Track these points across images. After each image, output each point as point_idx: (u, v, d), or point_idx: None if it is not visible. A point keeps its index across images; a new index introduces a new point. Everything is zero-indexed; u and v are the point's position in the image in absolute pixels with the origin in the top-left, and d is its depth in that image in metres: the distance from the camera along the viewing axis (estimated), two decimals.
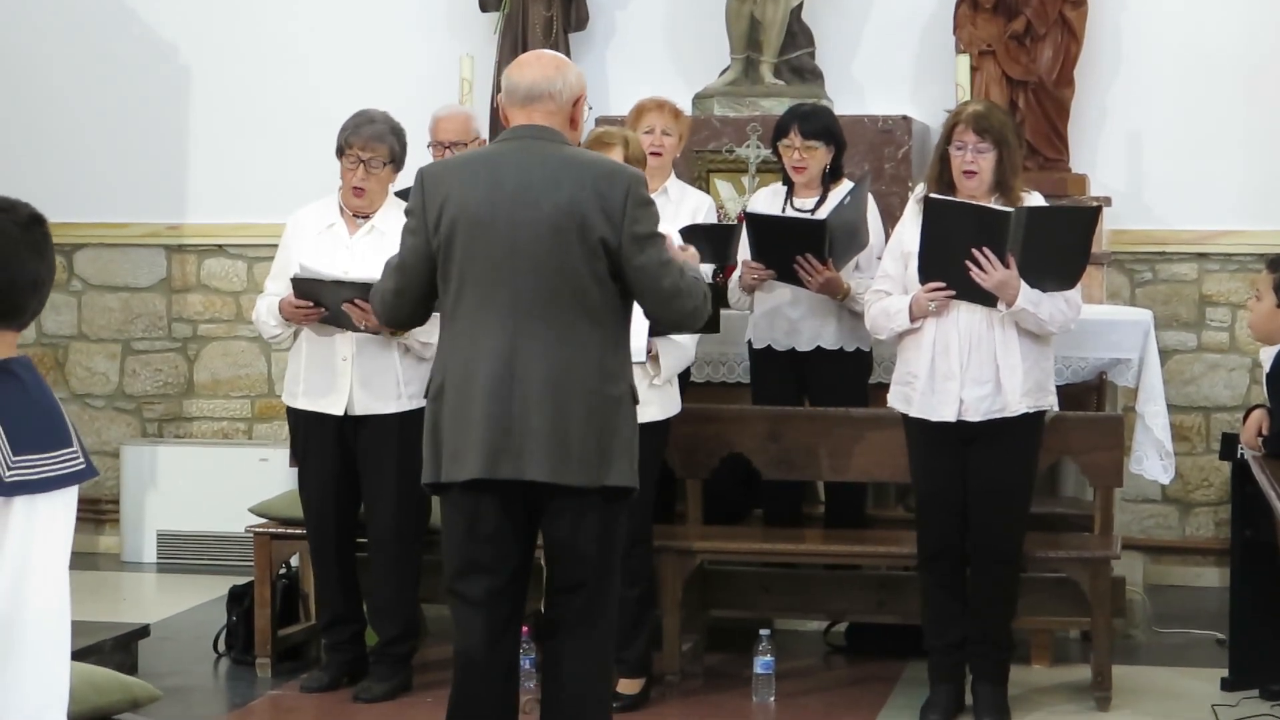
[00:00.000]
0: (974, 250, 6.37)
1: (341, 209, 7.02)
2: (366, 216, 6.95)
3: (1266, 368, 6.42)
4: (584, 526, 5.08)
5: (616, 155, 6.40)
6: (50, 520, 3.39)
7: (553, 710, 5.17)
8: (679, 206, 7.39)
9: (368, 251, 6.78)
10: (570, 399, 5.00)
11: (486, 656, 5.14)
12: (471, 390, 5.02)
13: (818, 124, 7.33)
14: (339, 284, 6.71)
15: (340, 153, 6.97)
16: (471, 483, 5.04)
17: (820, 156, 7.30)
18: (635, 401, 5.18)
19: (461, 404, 5.04)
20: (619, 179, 5.06)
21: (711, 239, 7.24)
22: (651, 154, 7.21)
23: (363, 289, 6.55)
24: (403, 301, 5.24)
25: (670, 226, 6.82)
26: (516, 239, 4.99)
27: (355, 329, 6.77)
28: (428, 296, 5.20)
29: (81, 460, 3.43)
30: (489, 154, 5.22)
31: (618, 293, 5.08)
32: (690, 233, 6.94)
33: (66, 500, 3.43)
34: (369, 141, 6.91)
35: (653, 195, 7.04)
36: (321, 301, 6.78)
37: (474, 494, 5.07)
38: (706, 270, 7.12)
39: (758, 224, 7.25)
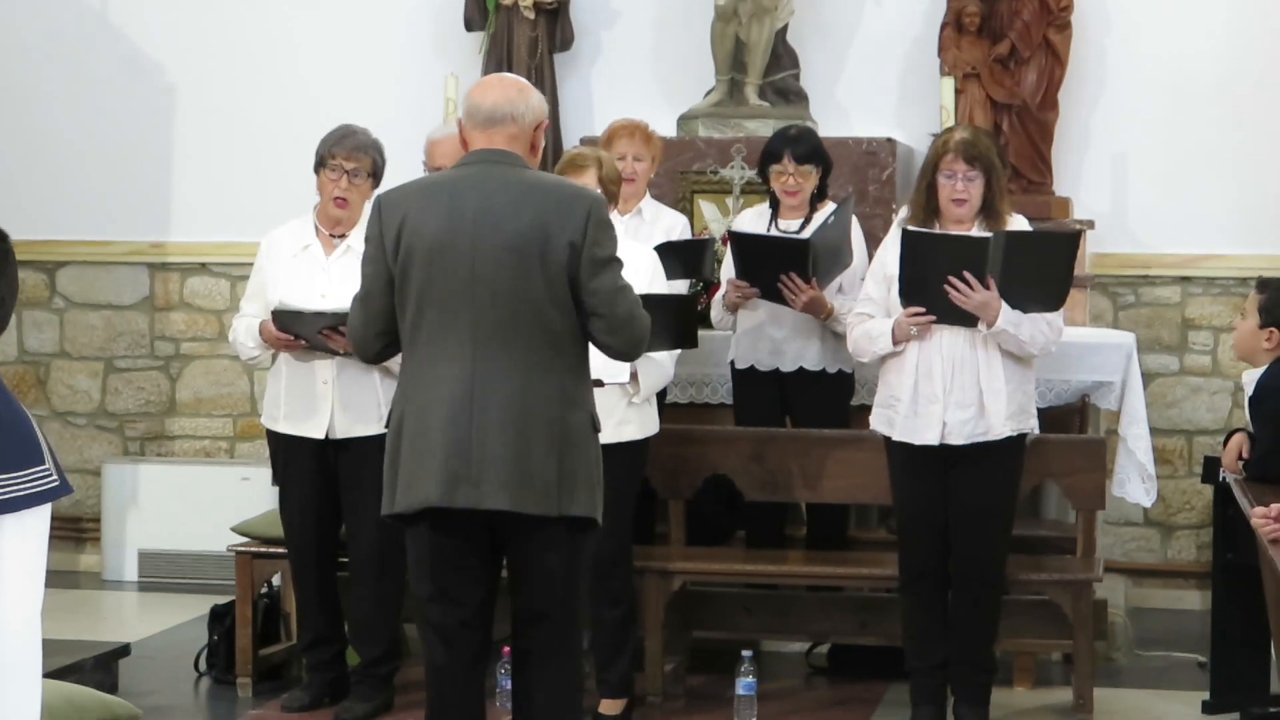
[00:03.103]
0: (954, 275, 6.38)
1: (317, 229, 7.00)
2: (343, 236, 6.94)
3: (1249, 391, 6.43)
4: (547, 556, 5.06)
5: (590, 177, 6.42)
6: (20, 539, 3.36)
7: None
8: (653, 226, 7.41)
9: (345, 272, 6.75)
10: (531, 426, 4.97)
11: (457, 684, 5.16)
12: (430, 418, 4.99)
13: (809, 147, 7.36)
14: (319, 314, 6.71)
15: (320, 165, 6.95)
16: (432, 512, 5.02)
17: (812, 180, 7.34)
18: (596, 429, 5.14)
19: (420, 431, 5.01)
20: (580, 202, 5.02)
21: (683, 254, 7.27)
22: (624, 180, 7.21)
23: (342, 317, 6.56)
24: (371, 334, 5.15)
25: (645, 246, 6.84)
26: (477, 264, 4.96)
27: (335, 353, 6.77)
28: (396, 326, 5.12)
29: (54, 478, 3.41)
30: (449, 179, 5.15)
31: (579, 318, 5.05)
32: (663, 249, 6.96)
33: (38, 518, 3.40)
34: (352, 152, 6.91)
35: (627, 216, 7.16)
36: (302, 333, 6.77)
37: (435, 524, 5.05)
38: (681, 285, 7.15)
39: (742, 243, 7.26)
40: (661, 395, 7.24)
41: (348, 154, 6.91)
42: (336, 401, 6.85)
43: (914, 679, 6.72)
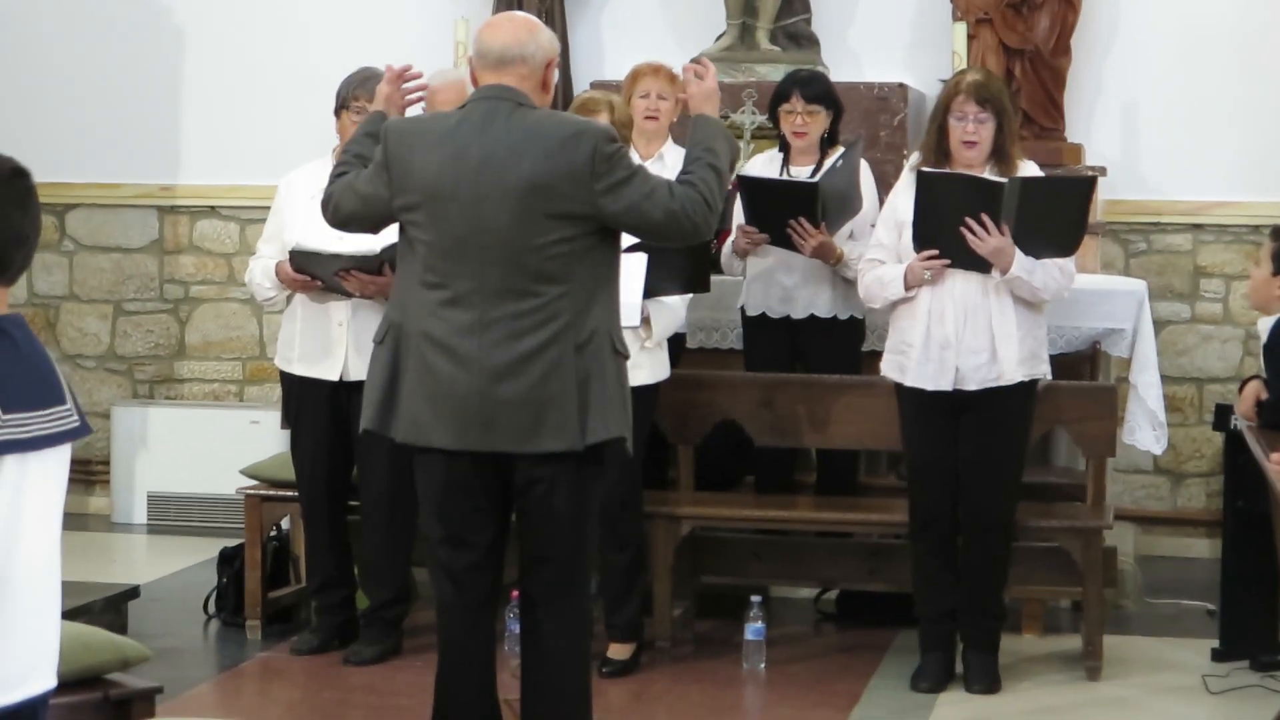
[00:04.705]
0: (969, 217, 6.36)
1: None
2: None
3: (1264, 338, 6.42)
4: (553, 498, 5.04)
5: (600, 121, 6.37)
6: (41, 479, 3.37)
7: (533, 681, 5.17)
8: (674, 173, 7.34)
9: None
10: (540, 366, 4.94)
11: (467, 625, 5.18)
12: (438, 360, 4.99)
13: (819, 88, 7.34)
14: (335, 255, 6.69)
15: (342, 108, 6.93)
16: (444, 451, 5.04)
17: (821, 121, 7.30)
18: (620, 355, 5.09)
19: (425, 370, 5.00)
20: (583, 139, 4.97)
21: None
22: (648, 118, 7.22)
23: (359, 260, 6.58)
24: (354, 224, 5.30)
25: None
26: (481, 212, 4.94)
27: (350, 295, 6.77)
28: (379, 226, 5.30)
29: (75, 418, 3.41)
30: (453, 122, 5.09)
31: (589, 250, 5.00)
32: None
33: (59, 458, 3.41)
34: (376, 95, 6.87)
35: (649, 161, 7.14)
36: (318, 274, 6.77)
37: (446, 463, 5.06)
38: None
39: (751, 187, 7.25)
40: (680, 341, 7.24)
41: (372, 97, 6.86)
42: (351, 344, 6.84)
43: (923, 625, 6.73)
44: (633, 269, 6.11)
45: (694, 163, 5.13)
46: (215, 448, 9.15)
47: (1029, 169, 6.63)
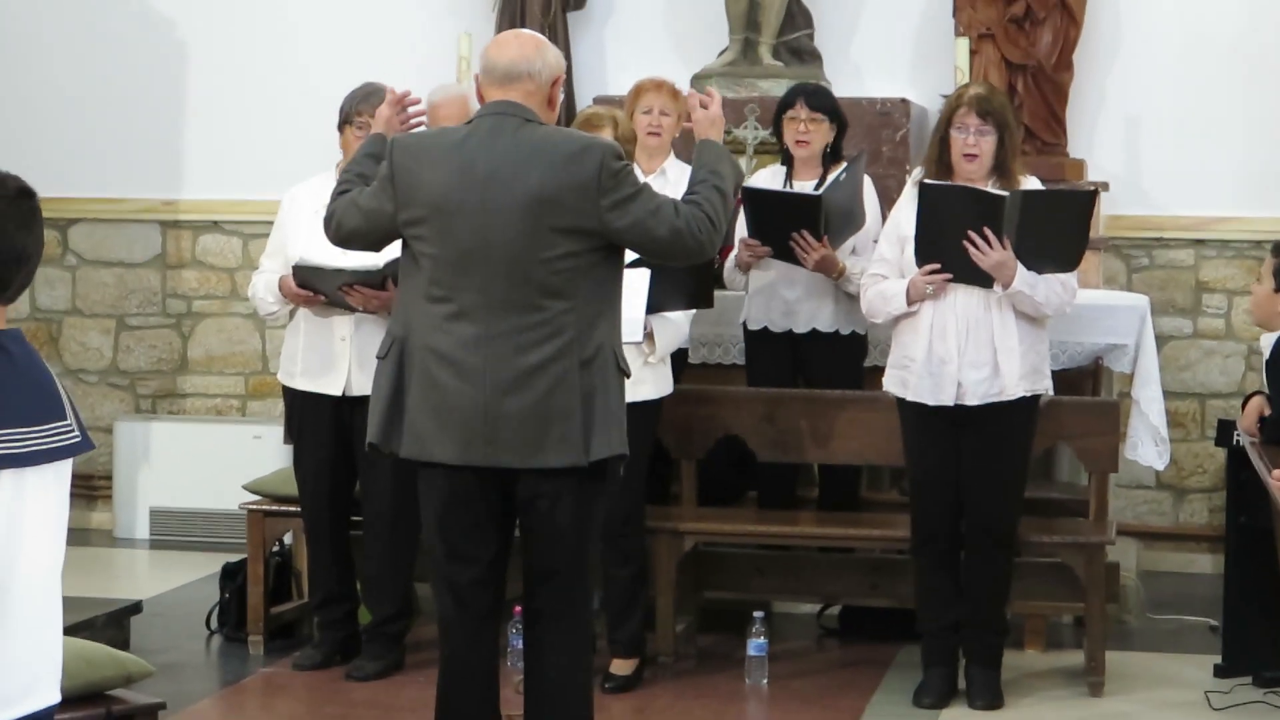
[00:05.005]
0: (971, 231, 6.37)
1: None
2: None
3: (1266, 354, 6.42)
4: (556, 513, 5.05)
5: (605, 136, 6.38)
6: (40, 493, 3.36)
7: (536, 698, 5.17)
8: (677, 187, 7.34)
9: None
10: (544, 381, 4.95)
11: (469, 640, 5.17)
12: (442, 374, 4.99)
13: (824, 99, 7.37)
14: (338, 270, 6.70)
15: (345, 123, 6.94)
16: (447, 466, 5.05)
17: (824, 132, 7.31)
18: (622, 372, 5.10)
19: (430, 384, 5.01)
20: (590, 154, 4.98)
21: None
22: (650, 134, 7.23)
23: (362, 275, 6.58)
24: (356, 240, 5.29)
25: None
26: (488, 226, 4.95)
27: (353, 310, 6.77)
28: (381, 243, 5.29)
29: (75, 433, 3.41)
30: (462, 136, 5.11)
31: (594, 266, 5.01)
32: None
33: (59, 473, 3.41)
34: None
35: (651, 176, 7.15)
36: (321, 289, 6.78)
37: (449, 477, 5.07)
38: None
39: (755, 199, 7.25)
40: (683, 357, 7.25)
41: (375, 112, 6.87)
42: (354, 358, 6.84)
43: (926, 640, 6.72)
44: (636, 285, 6.12)
45: (699, 184, 5.15)
46: (218, 463, 9.15)
47: (1031, 184, 6.63)
